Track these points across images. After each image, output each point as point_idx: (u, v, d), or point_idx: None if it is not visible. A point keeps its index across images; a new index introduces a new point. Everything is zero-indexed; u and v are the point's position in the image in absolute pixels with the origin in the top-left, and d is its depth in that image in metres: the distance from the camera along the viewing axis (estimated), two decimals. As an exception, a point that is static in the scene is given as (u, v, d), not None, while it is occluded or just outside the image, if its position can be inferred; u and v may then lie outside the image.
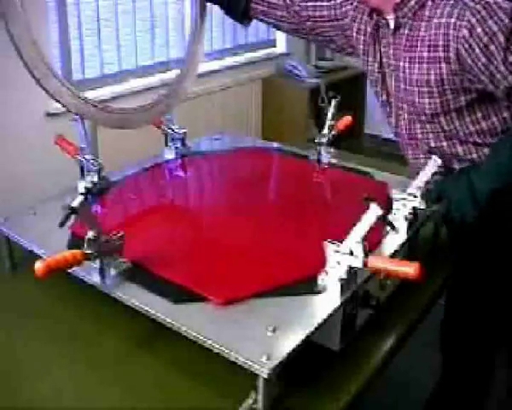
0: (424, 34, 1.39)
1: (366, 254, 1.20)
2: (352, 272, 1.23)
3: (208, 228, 1.57)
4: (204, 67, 3.97)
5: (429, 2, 1.40)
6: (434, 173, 1.46)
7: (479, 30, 1.29)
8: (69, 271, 1.27)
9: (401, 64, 1.46)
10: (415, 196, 1.45)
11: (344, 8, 1.64)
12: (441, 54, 1.36)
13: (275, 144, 2.10)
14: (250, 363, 1.05)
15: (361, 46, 1.59)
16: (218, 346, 1.11)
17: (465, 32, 1.31)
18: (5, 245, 1.53)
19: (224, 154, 1.99)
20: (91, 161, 1.64)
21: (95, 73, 3.37)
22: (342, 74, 4.53)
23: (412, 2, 1.41)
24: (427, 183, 1.45)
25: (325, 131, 1.91)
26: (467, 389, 1.63)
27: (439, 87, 1.39)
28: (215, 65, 4.02)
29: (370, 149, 4.62)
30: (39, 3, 2.95)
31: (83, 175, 1.66)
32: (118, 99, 3.37)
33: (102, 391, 1.19)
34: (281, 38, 4.61)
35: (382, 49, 1.53)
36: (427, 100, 1.42)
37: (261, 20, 1.81)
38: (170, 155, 1.94)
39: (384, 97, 1.58)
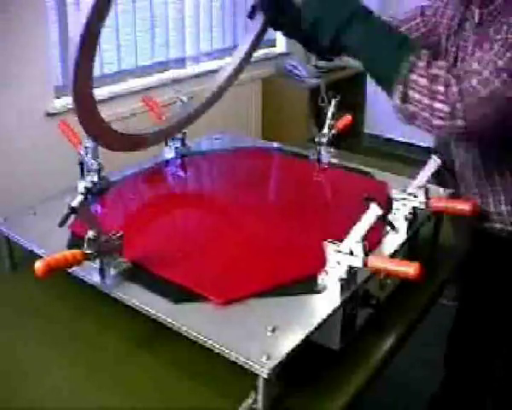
0: (501, 37, 1.23)
1: (366, 254, 1.20)
2: (351, 271, 1.23)
3: (208, 227, 1.57)
4: (204, 66, 3.98)
5: None
6: (434, 173, 1.45)
7: None
8: (69, 271, 1.27)
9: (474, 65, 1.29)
10: (415, 196, 1.45)
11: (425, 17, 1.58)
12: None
13: (275, 144, 2.10)
14: (250, 363, 1.05)
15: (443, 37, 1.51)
16: (217, 346, 1.11)
17: None
18: (5, 245, 1.53)
19: (224, 154, 1.99)
20: (91, 162, 1.64)
21: (94, 73, 3.37)
22: (342, 74, 4.53)
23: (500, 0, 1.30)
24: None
25: (325, 130, 1.91)
26: (469, 394, 1.62)
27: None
28: (215, 65, 4.01)
29: (370, 149, 4.62)
30: (39, 3, 2.95)
31: (83, 175, 1.66)
32: (117, 99, 3.37)
33: (102, 391, 1.19)
34: (280, 37, 4.61)
35: (461, 44, 1.44)
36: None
37: None
38: (170, 154, 1.94)
39: None
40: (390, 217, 1.41)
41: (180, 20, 3.81)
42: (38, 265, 1.15)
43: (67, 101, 3.11)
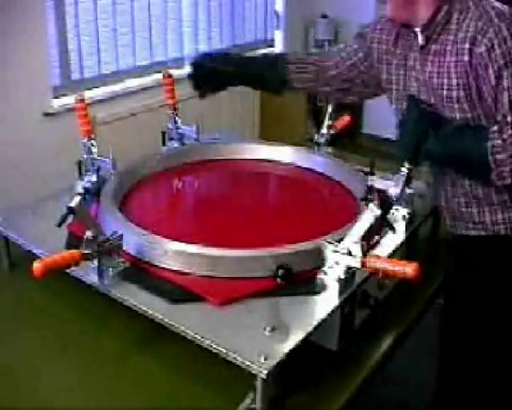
0: (451, 49, 1.37)
1: (364, 255, 1.20)
2: (350, 272, 1.23)
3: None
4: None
5: (455, 15, 1.37)
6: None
7: (498, 51, 1.28)
8: (67, 271, 1.27)
9: (431, 80, 1.42)
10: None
11: (367, 37, 1.59)
12: (467, 68, 1.33)
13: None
14: (248, 363, 1.05)
15: (384, 65, 1.55)
16: (215, 346, 1.10)
17: (483, 49, 1.29)
18: (3, 245, 1.53)
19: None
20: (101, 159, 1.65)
21: (92, 73, 3.37)
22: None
23: (439, 17, 1.38)
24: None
25: (324, 130, 1.92)
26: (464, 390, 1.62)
27: (468, 102, 1.36)
28: (213, 65, 4.01)
29: (368, 149, 4.62)
30: (37, 4, 2.95)
31: (81, 175, 1.66)
32: (115, 99, 3.37)
33: (101, 391, 1.19)
34: (279, 37, 4.61)
35: (407, 63, 1.49)
36: (457, 115, 1.38)
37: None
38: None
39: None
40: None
41: (178, 20, 3.81)
42: (36, 265, 1.15)
43: (65, 101, 3.11)
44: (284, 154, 1.91)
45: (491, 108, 1.33)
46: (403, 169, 1.41)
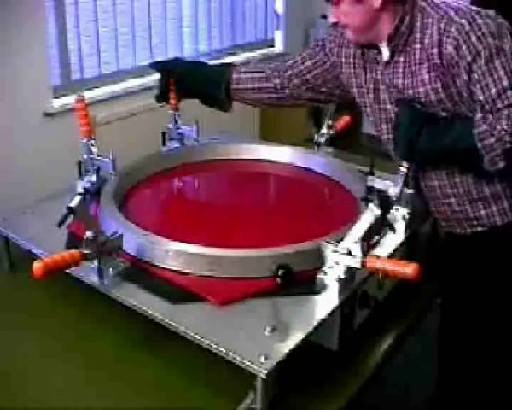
0: (420, 57, 1.38)
1: (364, 255, 1.20)
2: (350, 272, 1.23)
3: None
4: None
5: (418, 24, 1.38)
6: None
7: (464, 47, 1.30)
8: (67, 271, 1.27)
9: (405, 91, 1.43)
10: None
11: (327, 49, 1.62)
12: (441, 70, 1.35)
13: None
14: (248, 363, 1.05)
15: (353, 80, 1.56)
16: (215, 346, 1.11)
17: (451, 49, 1.31)
18: (3, 245, 1.53)
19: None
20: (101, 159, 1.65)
21: (93, 73, 3.37)
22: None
23: (403, 28, 1.39)
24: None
25: (324, 130, 1.92)
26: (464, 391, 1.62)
27: (450, 102, 1.38)
28: (213, 65, 4.02)
29: (368, 149, 4.62)
30: (37, 4, 2.95)
31: (81, 175, 1.66)
32: (116, 99, 3.37)
33: (101, 391, 1.19)
34: (279, 37, 4.62)
35: (376, 77, 1.50)
36: (443, 114, 1.40)
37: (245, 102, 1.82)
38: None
39: (384, 127, 1.55)
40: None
41: (178, 20, 3.81)
42: (37, 266, 1.15)
43: (66, 101, 3.11)
44: (284, 154, 1.91)
45: (470, 102, 1.35)
46: (402, 169, 1.42)
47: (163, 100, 1.82)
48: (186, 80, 1.79)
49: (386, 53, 1.45)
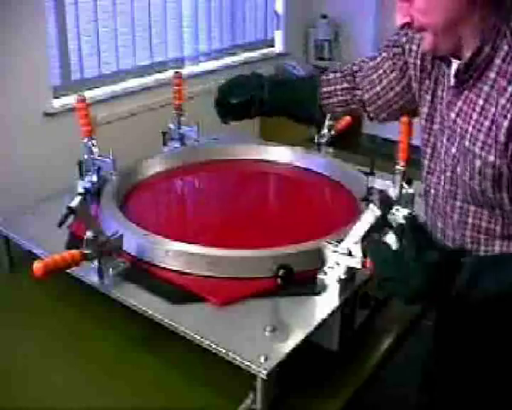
0: (483, 104, 1.07)
1: (364, 255, 1.20)
2: (350, 272, 1.23)
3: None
4: (202, 66, 3.97)
5: (497, 62, 1.05)
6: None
7: None
8: (68, 271, 1.27)
9: (458, 131, 1.13)
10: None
11: (406, 54, 1.31)
12: (501, 138, 1.04)
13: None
14: (248, 364, 1.05)
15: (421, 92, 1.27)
16: (215, 346, 1.11)
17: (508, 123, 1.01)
18: (4, 245, 1.53)
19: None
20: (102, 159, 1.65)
21: (93, 73, 3.37)
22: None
23: (479, 60, 1.07)
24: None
25: (324, 131, 1.92)
26: None
27: (493, 183, 1.08)
28: (213, 65, 4.02)
29: (368, 149, 4.62)
30: (37, 4, 2.95)
31: (81, 175, 1.66)
32: (116, 99, 3.37)
33: (101, 391, 1.19)
34: (279, 37, 4.61)
35: (439, 94, 1.22)
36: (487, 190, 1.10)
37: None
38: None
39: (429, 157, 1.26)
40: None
41: (178, 20, 3.81)
42: (37, 266, 1.15)
43: (66, 101, 3.11)
44: (284, 154, 1.91)
45: None
46: (398, 167, 1.39)
47: (230, 119, 1.67)
48: (274, 98, 1.57)
49: (452, 78, 1.14)
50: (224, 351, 1.09)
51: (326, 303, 1.21)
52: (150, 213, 1.66)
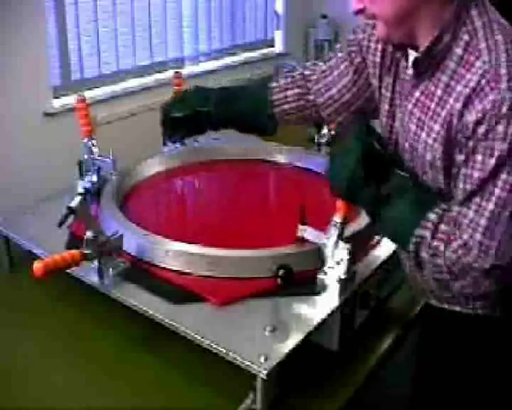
0: (441, 95, 1.05)
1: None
2: (350, 272, 1.23)
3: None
4: (202, 66, 3.97)
5: (458, 51, 1.03)
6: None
7: (482, 128, 0.97)
8: (68, 271, 1.27)
9: (408, 125, 1.13)
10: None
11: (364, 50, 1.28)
12: (452, 135, 1.03)
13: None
14: (248, 364, 1.05)
15: (376, 82, 1.25)
16: (215, 346, 1.11)
17: (471, 120, 0.99)
18: (4, 245, 1.53)
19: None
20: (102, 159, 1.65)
21: (93, 73, 3.37)
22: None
23: (446, 39, 1.04)
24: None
25: (324, 131, 1.92)
26: None
27: (444, 175, 1.08)
28: (213, 65, 4.01)
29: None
30: (37, 3, 2.95)
31: (81, 175, 1.66)
32: (116, 99, 3.37)
33: (101, 391, 1.20)
34: (279, 37, 4.61)
35: (396, 89, 1.20)
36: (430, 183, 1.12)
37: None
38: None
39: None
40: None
41: (178, 20, 3.81)
42: (37, 266, 1.15)
43: (66, 101, 3.11)
44: (284, 154, 1.91)
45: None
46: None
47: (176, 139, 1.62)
48: (221, 110, 1.49)
49: (410, 70, 1.12)
50: (224, 351, 1.09)
51: (326, 303, 1.21)
52: (150, 213, 1.66)
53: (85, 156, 1.65)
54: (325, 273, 1.24)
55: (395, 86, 1.20)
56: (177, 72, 1.95)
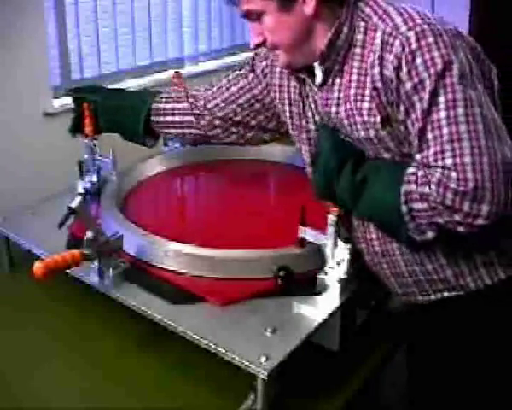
0: (358, 79, 1.11)
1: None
2: (351, 272, 1.23)
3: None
4: (202, 66, 3.97)
5: (359, 37, 1.11)
6: None
7: (404, 70, 1.02)
8: (68, 271, 1.27)
9: (342, 122, 1.16)
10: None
11: (258, 70, 1.39)
12: (384, 98, 1.07)
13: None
14: (248, 364, 1.05)
15: (287, 107, 1.32)
16: (215, 347, 1.10)
17: (390, 69, 1.04)
18: (4, 245, 1.53)
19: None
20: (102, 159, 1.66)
21: (93, 73, 3.37)
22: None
23: (339, 42, 1.12)
24: None
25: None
26: None
27: (392, 141, 1.11)
28: (213, 65, 4.01)
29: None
30: (37, 4, 2.95)
31: (82, 175, 1.66)
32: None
33: (101, 391, 1.19)
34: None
35: (311, 106, 1.25)
36: (385, 155, 1.14)
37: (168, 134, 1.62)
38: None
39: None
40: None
41: (178, 20, 3.81)
42: (37, 266, 1.15)
43: (66, 101, 3.10)
44: (284, 154, 1.91)
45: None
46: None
47: (76, 130, 1.64)
48: (103, 111, 1.57)
49: (319, 74, 1.17)
50: (223, 351, 1.09)
51: (326, 303, 1.20)
52: (150, 214, 1.66)
53: (86, 156, 1.65)
54: (326, 273, 1.23)
55: (305, 106, 1.27)
56: (176, 72, 1.95)
